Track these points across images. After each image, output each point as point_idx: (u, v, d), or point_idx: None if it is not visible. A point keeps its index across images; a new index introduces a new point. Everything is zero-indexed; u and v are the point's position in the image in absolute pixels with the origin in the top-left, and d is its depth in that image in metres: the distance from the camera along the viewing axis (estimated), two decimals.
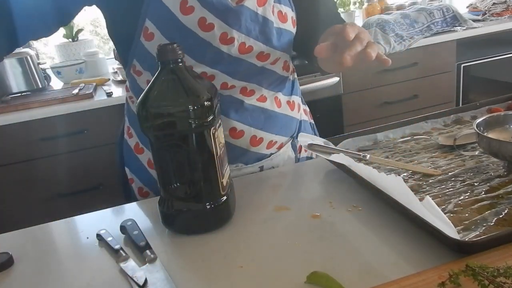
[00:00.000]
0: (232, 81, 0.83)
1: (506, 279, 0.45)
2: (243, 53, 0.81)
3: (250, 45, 0.81)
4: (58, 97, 1.88)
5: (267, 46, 0.83)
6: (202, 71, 0.80)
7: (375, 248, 0.59)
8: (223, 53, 0.80)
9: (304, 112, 1.04)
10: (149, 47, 0.79)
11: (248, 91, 0.86)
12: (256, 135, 0.89)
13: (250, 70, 0.84)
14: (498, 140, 0.70)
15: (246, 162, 0.91)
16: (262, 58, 0.84)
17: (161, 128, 0.63)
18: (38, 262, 0.66)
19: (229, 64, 0.81)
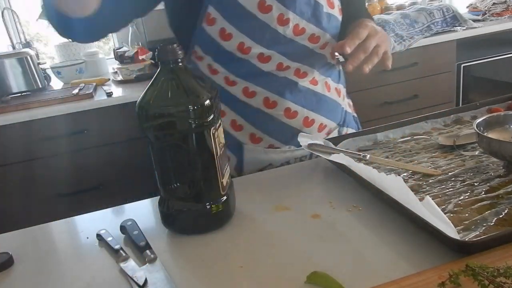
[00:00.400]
0: (287, 61, 0.88)
1: (506, 279, 0.45)
2: (297, 35, 0.87)
3: (303, 27, 0.87)
4: (58, 97, 1.88)
5: (318, 29, 0.89)
6: (260, 52, 0.86)
7: (375, 248, 0.59)
8: (280, 34, 0.85)
9: (348, 105, 1.08)
10: (211, 31, 0.86)
11: (302, 72, 0.91)
12: (308, 116, 0.93)
13: (303, 52, 0.89)
14: (498, 140, 0.70)
15: (299, 144, 0.90)
16: (313, 40, 0.89)
17: (161, 128, 0.63)
18: (38, 262, 0.66)
19: (285, 45, 0.87)
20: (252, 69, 0.88)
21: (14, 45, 2.33)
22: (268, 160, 0.95)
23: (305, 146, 0.85)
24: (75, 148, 1.87)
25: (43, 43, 2.70)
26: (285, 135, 0.92)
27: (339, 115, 1.02)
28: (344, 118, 1.03)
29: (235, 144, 0.95)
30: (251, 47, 0.85)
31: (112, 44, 2.62)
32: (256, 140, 0.94)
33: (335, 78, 1.01)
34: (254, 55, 0.87)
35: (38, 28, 2.62)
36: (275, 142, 0.94)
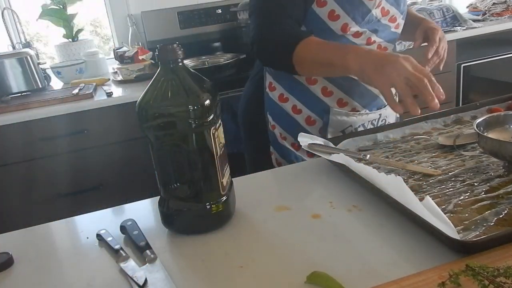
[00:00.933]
0: (375, 37, 1.02)
1: (506, 279, 0.45)
2: (383, 15, 1.01)
3: (388, 9, 1.01)
4: (58, 97, 1.88)
5: (397, 11, 1.03)
6: (356, 30, 0.99)
7: (375, 248, 0.59)
8: (372, 15, 0.99)
9: None
10: (320, 13, 0.98)
11: (383, 47, 1.04)
12: None
13: (385, 30, 1.03)
14: (498, 140, 0.70)
15: (371, 108, 1.09)
16: (392, 20, 1.04)
17: (161, 128, 0.63)
18: (38, 262, 0.66)
19: (374, 24, 1.01)
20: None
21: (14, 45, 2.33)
22: (349, 122, 1.07)
23: (305, 146, 0.85)
24: (75, 148, 1.86)
25: (43, 43, 2.70)
26: (365, 99, 1.06)
27: None
28: None
29: (323, 108, 1.06)
30: (351, 26, 0.98)
31: (112, 44, 2.62)
32: (342, 104, 1.06)
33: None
34: (352, 32, 0.99)
35: (38, 28, 2.62)
36: (357, 106, 1.07)
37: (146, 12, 2.40)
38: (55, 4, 2.34)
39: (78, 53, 2.34)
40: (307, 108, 1.08)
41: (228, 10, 2.42)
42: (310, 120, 1.08)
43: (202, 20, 2.44)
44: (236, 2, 2.31)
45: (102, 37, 2.77)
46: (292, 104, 1.08)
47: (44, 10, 2.33)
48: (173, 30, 2.41)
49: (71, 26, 2.38)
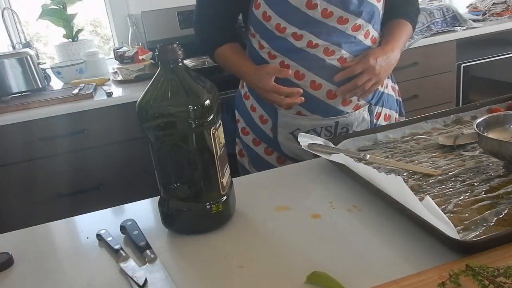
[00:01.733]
0: (316, 40, 1.00)
1: (506, 279, 0.45)
2: (325, 17, 0.98)
3: (331, 10, 0.98)
4: (58, 97, 1.88)
5: (346, 12, 0.99)
6: (293, 32, 1.00)
7: (375, 248, 0.59)
8: (309, 16, 0.98)
9: (392, 89, 1.19)
10: (257, 14, 1.03)
11: (330, 51, 1.01)
12: (332, 90, 1.03)
13: (332, 32, 1.00)
14: (498, 140, 0.70)
15: (324, 114, 1.06)
16: (342, 22, 1.00)
17: (161, 128, 0.63)
18: (38, 262, 0.66)
19: (314, 26, 0.99)
20: (287, 46, 1.02)
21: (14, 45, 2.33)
22: (296, 125, 1.08)
23: (305, 146, 0.85)
24: (75, 148, 1.86)
25: (43, 43, 2.70)
26: (310, 105, 1.05)
27: (370, 95, 1.08)
28: (379, 97, 1.11)
29: (272, 108, 1.10)
30: (286, 27, 1.00)
31: (112, 44, 2.62)
32: (333, 96, 1.05)
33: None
34: (289, 34, 1.00)
35: (38, 28, 2.62)
36: (302, 110, 1.06)
37: (146, 12, 2.40)
38: (55, 4, 2.34)
39: (78, 53, 2.34)
40: (260, 107, 1.14)
41: None
42: (263, 119, 1.14)
43: None
44: None
45: (102, 37, 2.77)
46: (251, 102, 1.17)
47: (44, 10, 2.33)
48: (173, 30, 2.41)
49: (71, 26, 2.37)
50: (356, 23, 1.00)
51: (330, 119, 1.06)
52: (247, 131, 1.21)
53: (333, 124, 1.06)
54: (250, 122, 1.19)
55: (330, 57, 1.01)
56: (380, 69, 1.00)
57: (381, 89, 1.12)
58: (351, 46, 1.02)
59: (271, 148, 1.15)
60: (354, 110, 1.06)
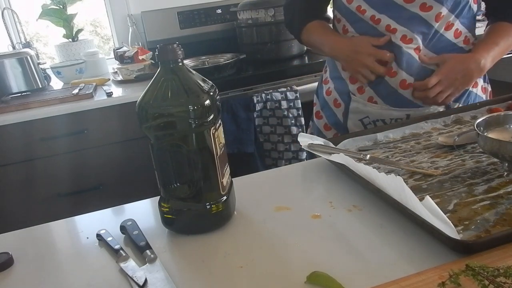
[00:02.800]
0: (394, 24, 0.99)
1: (506, 279, 0.45)
2: (407, 2, 0.97)
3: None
4: (58, 97, 1.88)
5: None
6: (372, 14, 1.01)
7: (375, 248, 0.59)
8: (390, 0, 0.98)
9: (483, 90, 1.12)
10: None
11: (407, 39, 0.99)
12: (406, 80, 1.01)
13: (413, 19, 0.98)
14: (498, 140, 0.70)
15: (395, 104, 1.04)
16: (425, 9, 0.97)
17: (161, 128, 0.63)
18: (38, 262, 0.66)
19: (394, 10, 0.98)
20: (369, 29, 1.02)
21: (14, 45, 2.33)
22: (366, 112, 1.09)
23: (305, 146, 0.85)
24: (75, 148, 1.86)
25: (43, 43, 2.70)
26: (382, 91, 1.05)
27: None
28: (463, 95, 1.06)
29: (347, 92, 1.12)
30: (366, 9, 1.01)
31: (112, 44, 2.62)
32: (361, 90, 1.08)
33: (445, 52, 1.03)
34: (368, 16, 1.01)
35: (38, 28, 2.62)
36: (375, 96, 1.06)
37: (146, 12, 2.40)
38: (55, 4, 2.34)
39: (78, 53, 2.34)
40: (335, 91, 1.15)
41: (228, 10, 2.42)
42: (337, 103, 1.14)
43: (202, 20, 2.44)
44: (236, 2, 2.31)
45: (102, 37, 2.77)
46: (328, 86, 1.18)
47: (44, 10, 2.33)
48: (173, 30, 2.41)
49: (71, 26, 2.38)
50: (440, 12, 0.97)
51: (401, 110, 1.04)
52: (321, 115, 1.22)
53: (404, 116, 1.05)
54: (324, 105, 1.20)
55: (407, 45, 0.99)
56: (455, 81, 0.97)
57: (471, 88, 1.07)
58: (430, 39, 1.00)
59: (340, 134, 1.15)
60: (429, 105, 1.04)
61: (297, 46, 2.17)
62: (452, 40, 1.02)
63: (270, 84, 1.97)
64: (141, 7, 2.44)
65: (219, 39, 2.47)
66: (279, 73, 2.00)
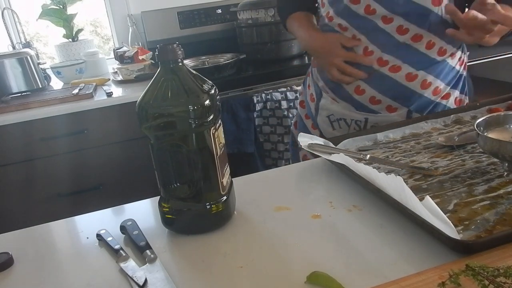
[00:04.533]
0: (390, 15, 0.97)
1: (506, 279, 0.45)
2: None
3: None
4: (58, 97, 1.88)
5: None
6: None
7: (375, 248, 0.59)
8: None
9: (456, 101, 1.10)
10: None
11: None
12: (360, 85, 1.03)
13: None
14: (498, 140, 0.70)
15: (356, 108, 1.06)
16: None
17: (161, 128, 0.63)
18: (38, 262, 0.66)
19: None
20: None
21: (14, 45, 2.33)
22: (331, 110, 1.11)
23: (305, 146, 0.85)
24: (75, 148, 1.86)
25: (43, 43, 2.70)
26: (341, 93, 1.07)
27: (449, 77, 1.05)
28: (422, 106, 1.05)
29: (319, 89, 1.14)
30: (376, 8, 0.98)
31: (112, 44, 2.62)
32: (360, 92, 1.05)
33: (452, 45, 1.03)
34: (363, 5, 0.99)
35: (38, 28, 2.62)
36: (337, 98, 1.08)
37: (146, 12, 2.40)
38: (55, 4, 2.34)
39: (78, 53, 2.34)
40: (313, 86, 1.18)
41: (228, 10, 2.42)
42: (312, 97, 1.19)
43: (202, 20, 2.44)
44: (236, 2, 2.31)
45: (102, 37, 2.77)
46: (309, 80, 1.22)
47: (44, 10, 2.33)
48: (173, 30, 2.41)
49: (71, 26, 2.38)
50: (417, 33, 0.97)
51: (361, 114, 1.06)
52: (304, 105, 1.25)
53: (363, 119, 1.06)
54: (305, 97, 1.23)
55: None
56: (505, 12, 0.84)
57: (433, 97, 1.04)
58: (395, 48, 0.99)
59: (315, 125, 1.18)
60: (389, 112, 1.04)
61: (297, 46, 2.17)
62: (423, 51, 1.00)
63: (270, 84, 1.97)
64: (141, 7, 2.44)
65: (219, 39, 2.47)
66: (279, 73, 2.00)
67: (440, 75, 1.03)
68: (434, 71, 1.02)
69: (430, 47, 1.00)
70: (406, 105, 1.04)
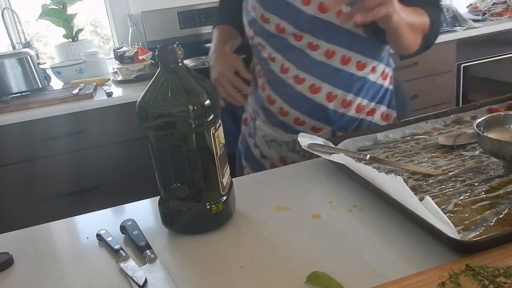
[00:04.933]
0: (300, 32, 0.96)
1: (506, 279, 0.45)
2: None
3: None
4: (58, 97, 1.88)
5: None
6: (261, 13, 0.98)
7: (375, 248, 0.59)
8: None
9: (383, 116, 1.06)
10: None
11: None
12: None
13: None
14: (498, 140, 0.70)
15: (285, 130, 1.04)
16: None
17: (161, 128, 0.63)
18: (38, 262, 0.66)
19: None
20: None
21: (14, 45, 2.33)
22: (264, 131, 1.10)
23: (305, 146, 0.85)
24: (75, 148, 1.87)
25: (43, 43, 2.70)
26: (273, 117, 1.05)
27: (371, 93, 1.03)
28: (346, 124, 1.02)
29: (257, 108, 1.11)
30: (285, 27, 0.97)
31: (112, 44, 2.62)
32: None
33: (371, 58, 1.00)
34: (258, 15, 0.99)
35: (38, 28, 2.62)
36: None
37: (146, 12, 2.40)
38: (55, 4, 2.34)
39: (78, 53, 2.34)
40: (253, 103, 1.15)
41: None
42: (251, 116, 1.16)
43: (202, 20, 2.44)
44: None
45: (102, 37, 2.77)
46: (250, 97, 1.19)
47: (44, 10, 2.33)
48: (173, 30, 2.41)
49: (71, 26, 2.38)
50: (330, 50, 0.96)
51: (289, 135, 1.04)
52: (247, 123, 1.23)
53: (291, 141, 1.04)
54: (247, 115, 1.22)
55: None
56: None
57: (357, 114, 1.03)
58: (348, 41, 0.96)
59: (256, 145, 1.17)
60: (314, 133, 1.01)
61: None
62: (340, 67, 0.98)
63: None
64: (141, 7, 2.44)
65: None
66: None
67: (360, 92, 1.01)
68: (353, 89, 1.00)
69: (346, 62, 0.97)
70: (330, 125, 1.02)
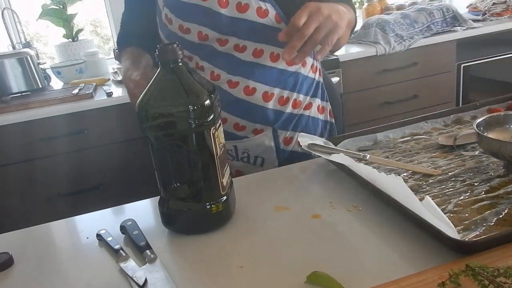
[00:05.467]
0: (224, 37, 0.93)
1: (506, 279, 0.45)
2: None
3: (246, 3, 0.90)
4: (58, 97, 1.88)
5: (263, 2, 0.90)
6: (179, 24, 0.93)
7: (375, 248, 0.59)
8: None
9: (320, 109, 1.06)
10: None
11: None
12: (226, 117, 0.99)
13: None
14: (498, 140, 0.70)
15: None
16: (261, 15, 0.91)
17: (161, 128, 0.63)
18: (38, 262, 0.66)
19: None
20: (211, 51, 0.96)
21: (14, 45, 2.33)
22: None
23: (305, 146, 0.85)
24: (75, 148, 1.87)
25: (43, 43, 2.70)
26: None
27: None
28: (288, 120, 1.01)
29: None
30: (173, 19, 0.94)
31: (112, 44, 2.62)
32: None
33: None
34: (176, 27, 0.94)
35: (38, 28, 2.62)
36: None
37: None
38: (55, 4, 2.34)
39: (78, 53, 2.34)
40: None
41: None
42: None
43: None
44: None
45: (102, 37, 2.77)
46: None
47: (44, 10, 2.33)
48: None
49: (71, 26, 2.38)
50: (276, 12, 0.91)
51: (229, 142, 1.00)
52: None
53: (232, 148, 1.02)
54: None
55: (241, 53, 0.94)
56: (330, 12, 0.77)
57: (295, 110, 1.00)
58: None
59: None
60: (254, 135, 0.99)
61: None
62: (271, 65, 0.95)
63: None
64: None
65: None
66: None
67: (295, 87, 0.99)
68: (288, 85, 0.98)
69: (276, 59, 0.95)
70: (270, 125, 1.00)
